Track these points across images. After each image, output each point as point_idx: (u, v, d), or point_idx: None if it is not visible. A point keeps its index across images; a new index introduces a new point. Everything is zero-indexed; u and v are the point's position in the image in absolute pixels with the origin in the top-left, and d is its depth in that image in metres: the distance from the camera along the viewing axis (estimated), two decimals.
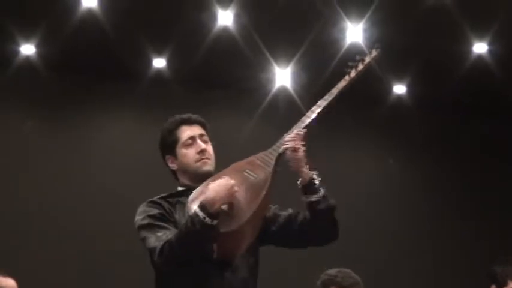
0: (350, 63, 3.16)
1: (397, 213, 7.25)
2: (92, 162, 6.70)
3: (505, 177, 7.35)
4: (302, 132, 2.97)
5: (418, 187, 7.42)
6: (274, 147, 3.02)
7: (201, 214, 2.76)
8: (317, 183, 2.97)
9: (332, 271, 3.88)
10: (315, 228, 3.00)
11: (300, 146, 2.94)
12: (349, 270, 3.89)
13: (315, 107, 3.05)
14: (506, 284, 5.06)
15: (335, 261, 4.07)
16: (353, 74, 3.14)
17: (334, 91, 3.10)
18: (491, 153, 7.40)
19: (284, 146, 2.96)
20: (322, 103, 3.05)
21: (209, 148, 3.13)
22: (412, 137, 7.32)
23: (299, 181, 2.98)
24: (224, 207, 2.81)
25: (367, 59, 3.18)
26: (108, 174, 6.63)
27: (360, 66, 3.16)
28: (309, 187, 2.96)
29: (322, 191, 2.97)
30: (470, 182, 7.41)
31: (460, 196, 7.36)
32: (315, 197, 2.96)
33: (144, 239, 2.95)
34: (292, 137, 2.96)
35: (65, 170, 6.57)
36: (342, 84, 3.12)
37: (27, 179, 6.47)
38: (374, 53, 3.22)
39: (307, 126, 3.00)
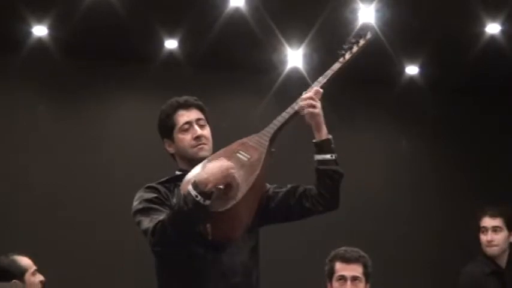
0: (344, 46, 3.19)
1: (409, 194, 7.26)
2: (103, 145, 6.71)
3: None
4: (320, 90, 3.03)
5: (431, 168, 7.41)
6: (267, 128, 3.06)
7: (193, 192, 2.74)
8: (333, 145, 3.04)
9: (339, 248, 3.95)
10: (319, 191, 3.03)
11: (317, 103, 3.00)
12: (356, 248, 3.94)
13: (308, 89, 3.07)
14: None
15: (346, 241, 4.09)
16: (348, 56, 3.15)
17: (329, 73, 3.13)
18: (505, 134, 7.38)
19: (301, 103, 3.00)
20: (316, 85, 3.08)
21: (206, 132, 3.14)
22: (425, 118, 7.30)
23: (315, 138, 3.03)
24: (219, 187, 2.80)
25: (362, 42, 3.19)
26: (120, 157, 6.65)
27: (355, 49, 3.17)
28: (325, 145, 3.02)
29: (335, 154, 3.04)
30: (483, 163, 7.39)
31: (472, 177, 7.35)
32: (328, 156, 3.02)
33: (139, 222, 2.97)
34: (310, 95, 3.00)
35: (76, 153, 6.58)
36: (336, 66, 3.15)
37: (39, 162, 6.49)
38: (369, 35, 3.22)
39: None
